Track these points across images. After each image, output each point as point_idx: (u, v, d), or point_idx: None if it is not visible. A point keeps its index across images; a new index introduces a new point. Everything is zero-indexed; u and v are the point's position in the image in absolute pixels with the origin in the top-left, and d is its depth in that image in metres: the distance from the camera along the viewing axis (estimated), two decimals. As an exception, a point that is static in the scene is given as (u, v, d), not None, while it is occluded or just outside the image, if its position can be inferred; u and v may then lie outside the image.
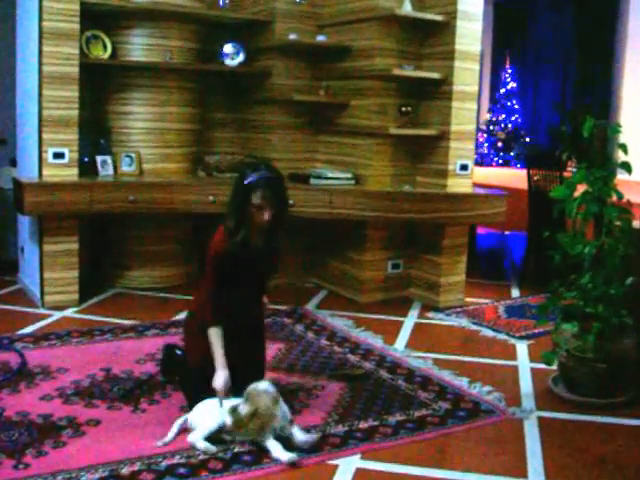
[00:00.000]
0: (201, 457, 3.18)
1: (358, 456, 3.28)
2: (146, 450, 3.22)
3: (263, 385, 3.33)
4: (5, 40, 6.42)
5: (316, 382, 4.13)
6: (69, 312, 5.27)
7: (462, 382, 4.22)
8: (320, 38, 6.02)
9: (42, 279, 5.34)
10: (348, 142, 6.02)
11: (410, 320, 5.51)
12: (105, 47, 5.72)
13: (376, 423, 3.61)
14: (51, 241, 5.31)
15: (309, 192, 5.61)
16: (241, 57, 6.21)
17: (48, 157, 5.29)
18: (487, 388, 4.14)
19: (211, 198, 5.58)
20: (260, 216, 3.49)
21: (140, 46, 5.83)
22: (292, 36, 5.94)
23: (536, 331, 5.24)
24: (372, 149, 5.80)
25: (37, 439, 3.29)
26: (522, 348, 4.94)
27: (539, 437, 3.56)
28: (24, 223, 5.79)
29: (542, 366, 4.34)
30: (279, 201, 3.53)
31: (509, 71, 12.43)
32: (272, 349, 4.67)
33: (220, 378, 3.46)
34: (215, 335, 3.50)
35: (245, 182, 3.45)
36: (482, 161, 12.01)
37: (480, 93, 9.54)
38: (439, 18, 5.61)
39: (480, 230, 8.23)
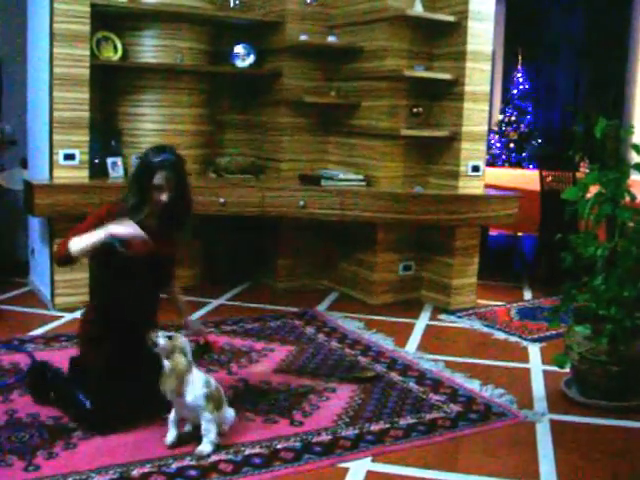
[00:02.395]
0: (211, 459, 3.17)
1: (369, 459, 3.27)
2: (156, 452, 3.22)
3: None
4: (16, 42, 6.43)
5: (327, 384, 4.12)
6: (79, 314, 5.27)
7: (474, 385, 4.20)
8: (331, 39, 6.00)
9: (52, 281, 5.34)
10: (359, 143, 6.00)
11: (421, 322, 5.48)
12: (116, 49, 5.72)
13: (387, 426, 3.59)
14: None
15: (320, 194, 5.59)
16: (252, 58, 6.21)
17: (59, 159, 5.29)
18: (499, 391, 4.11)
19: (221, 200, 5.57)
20: (158, 196, 3.53)
21: (151, 47, 5.83)
22: (303, 37, 5.93)
23: (548, 333, 5.21)
24: (383, 150, 5.78)
25: (48, 441, 3.29)
26: (534, 351, 4.91)
27: (551, 440, 3.53)
28: (34, 225, 5.80)
29: (554, 369, 4.32)
30: (178, 184, 3.58)
31: (521, 71, 12.38)
32: (282, 351, 4.66)
33: (119, 226, 3.33)
34: (75, 240, 3.36)
35: (149, 162, 3.50)
36: (494, 162, 11.96)
37: (492, 94, 9.50)
38: (450, 18, 5.58)
39: (492, 231, 8.19)
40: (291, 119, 6.16)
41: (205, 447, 3.22)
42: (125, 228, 3.34)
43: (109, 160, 5.75)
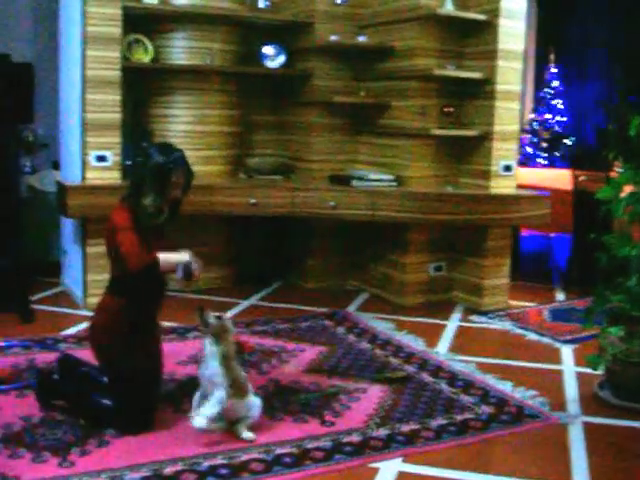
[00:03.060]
0: (242, 458, 3.17)
1: (400, 459, 3.26)
2: (188, 451, 3.23)
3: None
4: (47, 46, 6.49)
5: (358, 385, 4.11)
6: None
7: (505, 386, 4.17)
8: (361, 39, 5.99)
9: (85, 281, 5.39)
10: (389, 143, 5.98)
11: (453, 323, 5.46)
12: (146, 50, 5.75)
13: (418, 426, 3.58)
14: (94, 243, 5.33)
15: (350, 194, 5.58)
16: (282, 59, 6.21)
17: (91, 160, 5.33)
18: (531, 392, 4.08)
19: (252, 200, 5.58)
20: (175, 193, 3.62)
21: (181, 49, 5.86)
22: (333, 37, 5.92)
23: (581, 335, 5.15)
24: (414, 150, 5.76)
25: (81, 438, 3.33)
26: (567, 352, 4.87)
27: (584, 443, 3.50)
28: (67, 226, 5.85)
29: (588, 370, 4.28)
30: (190, 177, 3.70)
31: (554, 70, 12.28)
32: (313, 352, 4.66)
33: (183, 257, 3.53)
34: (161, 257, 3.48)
35: (164, 162, 3.54)
36: (526, 162, 11.87)
37: (524, 92, 9.43)
38: (481, 17, 5.56)
39: (524, 232, 8.13)
40: (321, 119, 6.16)
41: (198, 420, 3.29)
42: (195, 264, 3.58)
43: (140, 161, 5.78)
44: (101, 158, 5.35)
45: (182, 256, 3.55)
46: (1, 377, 3.93)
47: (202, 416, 3.30)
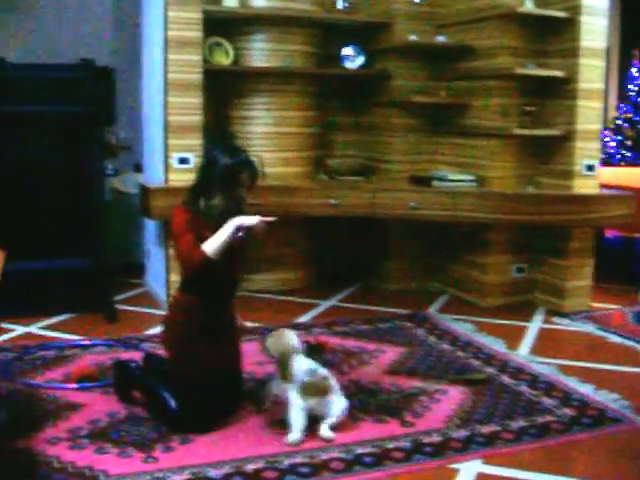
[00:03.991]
0: (323, 457, 3.19)
1: (480, 461, 3.23)
2: (270, 449, 3.27)
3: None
4: (128, 52, 6.62)
5: (438, 386, 4.09)
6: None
7: (587, 389, 4.09)
8: (440, 38, 5.96)
9: (167, 281, 5.48)
10: (469, 143, 5.93)
11: (534, 325, 5.39)
12: (227, 53, 5.83)
13: (498, 428, 3.54)
14: (176, 244, 5.42)
15: (431, 194, 5.55)
16: (361, 60, 6.22)
17: (173, 162, 5.43)
18: (614, 396, 3.99)
19: (332, 201, 5.59)
20: (240, 193, 3.63)
21: (261, 51, 5.91)
22: (411, 37, 5.91)
23: (668, 337, 5.04)
24: (494, 150, 5.71)
25: (165, 435, 3.39)
26: (652, 355, 4.77)
27: (670, 447, 3.42)
28: (150, 227, 5.96)
29: (674, 373, 4.18)
30: (256, 177, 3.69)
31: (638, 67, 11.99)
32: (393, 353, 4.65)
33: (243, 220, 3.48)
34: (208, 247, 3.44)
35: (234, 163, 3.57)
36: (609, 161, 11.63)
37: (607, 91, 9.25)
38: (562, 14, 5.47)
39: (608, 233, 7.97)
40: (401, 120, 6.15)
41: (291, 436, 3.33)
42: (248, 218, 3.50)
43: (221, 163, 5.85)
44: (183, 160, 5.44)
45: (230, 225, 3.47)
46: (86, 375, 4.02)
47: (296, 432, 3.34)
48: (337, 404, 3.46)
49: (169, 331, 3.70)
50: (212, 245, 3.45)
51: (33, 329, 5.04)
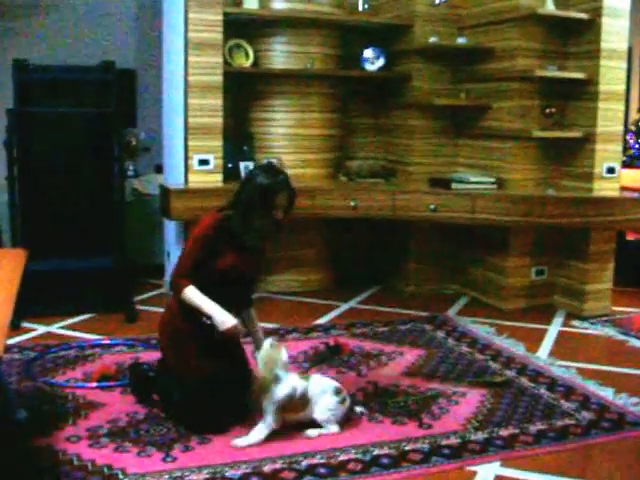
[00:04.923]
0: (341, 458, 3.20)
1: (498, 463, 3.22)
2: (288, 449, 3.28)
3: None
4: (149, 54, 6.66)
5: (456, 389, 4.08)
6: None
7: (607, 392, 4.07)
8: (460, 40, 5.95)
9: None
10: (490, 145, 5.92)
11: (554, 328, 5.36)
12: (247, 55, 5.85)
13: (517, 431, 3.53)
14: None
15: (450, 197, 5.54)
16: (381, 62, 6.22)
17: (194, 164, 5.45)
18: (634, 399, 3.97)
19: (352, 203, 5.60)
20: (276, 215, 3.60)
21: (281, 53, 5.93)
22: (432, 39, 5.90)
23: (689, 341, 5.00)
24: (514, 152, 5.69)
25: (184, 435, 3.41)
26: (673, 359, 4.73)
27: (691, 451, 3.40)
28: (170, 228, 5.98)
29: (695, 377, 4.15)
30: (293, 199, 3.66)
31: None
32: (412, 355, 4.65)
33: (224, 321, 3.45)
34: (192, 291, 3.49)
35: (271, 184, 3.56)
36: (631, 163, 11.55)
37: (629, 92, 9.19)
38: (583, 16, 5.45)
39: (629, 236, 7.92)
40: (421, 122, 6.14)
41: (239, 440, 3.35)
42: (229, 327, 3.45)
43: (242, 164, 5.88)
44: (203, 162, 5.46)
45: (219, 315, 3.46)
46: (107, 374, 4.05)
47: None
48: (324, 413, 3.47)
49: (160, 330, 3.74)
50: (191, 299, 3.49)
51: (54, 329, 5.08)
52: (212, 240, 3.54)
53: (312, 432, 3.42)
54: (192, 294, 3.50)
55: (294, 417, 3.45)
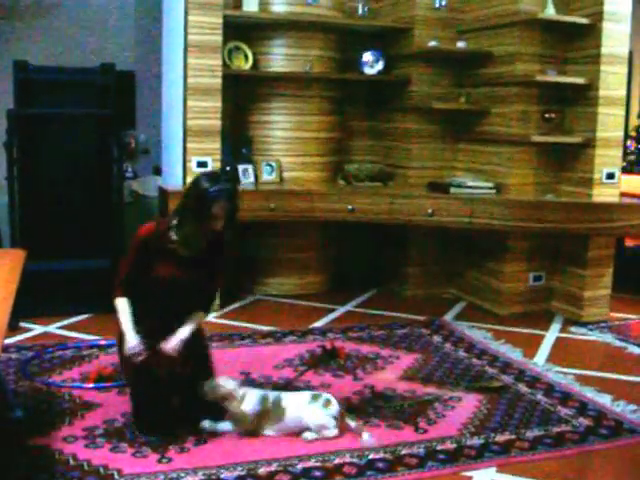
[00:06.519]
0: (336, 461, 3.19)
1: (494, 469, 3.21)
2: (283, 452, 3.27)
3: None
4: (149, 57, 6.66)
5: (453, 393, 4.07)
6: (210, 317, 5.40)
7: (604, 399, 4.06)
8: (460, 44, 5.94)
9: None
10: (489, 150, 5.91)
11: (551, 334, 5.35)
12: (246, 58, 5.85)
13: (513, 437, 3.52)
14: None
15: (449, 201, 5.53)
16: (380, 65, 6.22)
17: (192, 166, 5.45)
18: (631, 407, 3.96)
19: (350, 207, 5.59)
20: (213, 225, 3.44)
21: (280, 56, 5.94)
22: (432, 43, 5.89)
23: (687, 347, 4.99)
24: (513, 157, 5.68)
25: (180, 436, 3.40)
26: (671, 366, 4.72)
27: (688, 458, 3.39)
28: (169, 230, 5.96)
29: (692, 384, 4.14)
30: (233, 212, 3.47)
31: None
32: (408, 359, 4.64)
33: (129, 343, 3.40)
34: (120, 303, 3.48)
35: (205, 192, 3.38)
36: (631, 169, 11.55)
37: (629, 97, 9.19)
38: (584, 20, 5.44)
39: (628, 242, 7.91)
40: (420, 126, 6.13)
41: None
42: (130, 351, 3.41)
43: (240, 167, 5.88)
44: (202, 164, 5.46)
45: (128, 336, 3.42)
46: (103, 375, 4.05)
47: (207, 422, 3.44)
48: (311, 418, 3.45)
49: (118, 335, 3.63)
50: (119, 311, 3.49)
51: (51, 329, 5.07)
52: (144, 249, 3.48)
53: (309, 435, 3.41)
54: (119, 307, 3.49)
55: (275, 427, 3.45)
